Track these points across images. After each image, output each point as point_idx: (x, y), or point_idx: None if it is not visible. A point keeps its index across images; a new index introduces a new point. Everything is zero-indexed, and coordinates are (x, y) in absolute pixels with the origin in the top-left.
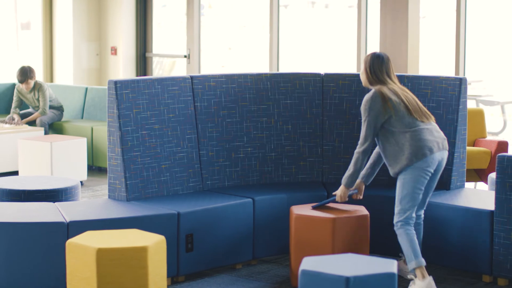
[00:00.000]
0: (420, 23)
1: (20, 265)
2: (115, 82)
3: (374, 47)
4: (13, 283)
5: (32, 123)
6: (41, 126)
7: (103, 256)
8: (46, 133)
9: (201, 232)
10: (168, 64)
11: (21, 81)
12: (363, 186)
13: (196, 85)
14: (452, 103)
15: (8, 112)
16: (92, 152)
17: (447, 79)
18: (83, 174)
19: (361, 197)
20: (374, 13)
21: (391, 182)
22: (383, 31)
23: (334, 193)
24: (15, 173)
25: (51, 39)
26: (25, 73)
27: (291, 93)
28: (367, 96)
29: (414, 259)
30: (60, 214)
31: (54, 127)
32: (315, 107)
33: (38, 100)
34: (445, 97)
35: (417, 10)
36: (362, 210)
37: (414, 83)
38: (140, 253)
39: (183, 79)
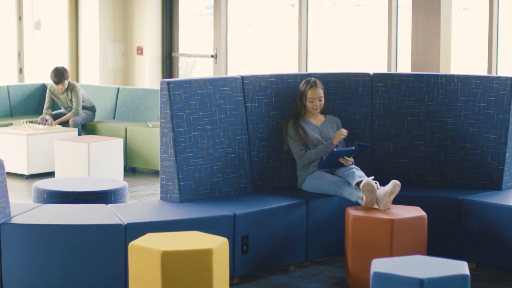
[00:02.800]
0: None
1: (77, 268)
2: (168, 83)
3: (405, 46)
4: (70, 285)
5: (65, 123)
6: (74, 126)
7: (168, 258)
8: (79, 133)
9: (255, 233)
10: (188, 64)
11: (56, 82)
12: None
13: (247, 86)
14: (503, 102)
15: (37, 113)
16: (126, 153)
17: (498, 78)
18: (119, 175)
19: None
20: (404, 12)
21: (442, 182)
22: (415, 30)
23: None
24: (51, 174)
25: (77, 39)
26: (61, 74)
27: (340, 93)
28: None
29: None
30: (116, 216)
31: (86, 128)
32: (364, 107)
33: (71, 100)
34: (496, 97)
35: (449, 8)
36: (419, 211)
37: (464, 83)
38: (205, 255)
39: (234, 79)
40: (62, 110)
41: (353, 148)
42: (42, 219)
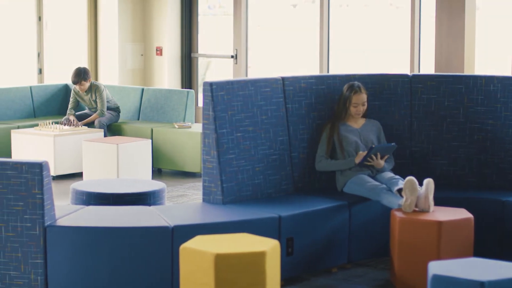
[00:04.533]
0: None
1: (123, 270)
2: (211, 84)
3: (428, 46)
4: (116, 287)
5: (90, 124)
6: (100, 127)
7: (222, 261)
8: (105, 134)
9: (300, 235)
10: (202, 64)
11: (74, 82)
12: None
13: (287, 87)
14: None
15: (60, 113)
16: (153, 154)
17: None
18: (147, 176)
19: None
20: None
21: (481, 184)
22: (439, 30)
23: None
24: (79, 174)
25: (96, 40)
26: (79, 75)
27: (379, 94)
28: None
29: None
30: (161, 218)
31: (111, 129)
32: (403, 109)
33: (95, 101)
34: None
35: (473, 7)
36: (466, 213)
37: (504, 84)
38: (259, 258)
39: (275, 80)
40: (86, 111)
41: (393, 144)
42: (88, 222)
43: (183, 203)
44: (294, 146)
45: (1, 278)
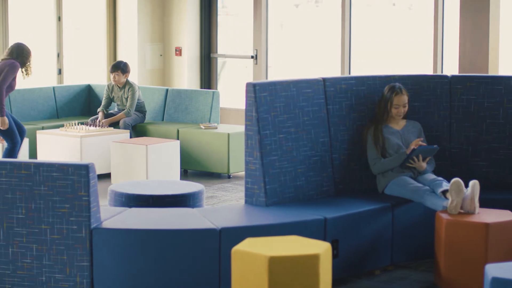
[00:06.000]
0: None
1: (170, 273)
2: (254, 85)
3: (451, 47)
4: None
5: (115, 125)
6: (125, 128)
7: (275, 264)
8: (130, 135)
9: (345, 237)
10: (218, 64)
11: (111, 71)
12: None
13: (328, 88)
14: None
15: (82, 114)
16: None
17: None
18: (176, 177)
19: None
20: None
21: None
22: (463, 31)
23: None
24: (105, 176)
25: (115, 40)
26: (118, 65)
27: (419, 95)
28: None
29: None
30: (207, 221)
31: (136, 129)
32: (443, 110)
33: (126, 99)
34: None
35: (497, 8)
36: (511, 215)
37: None
38: (313, 260)
39: (316, 81)
40: (112, 112)
41: (435, 146)
42: (134, 224)
43: (227, 205)
44: (335, 148)
45: (46, 281)
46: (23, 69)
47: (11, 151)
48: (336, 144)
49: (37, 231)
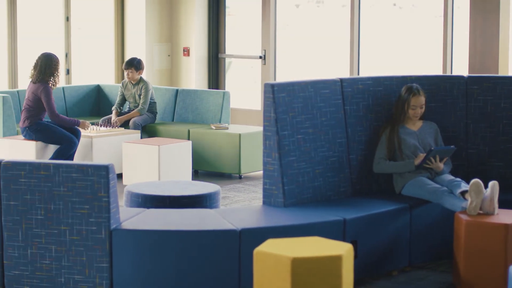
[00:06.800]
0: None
1: (190, 274)
2: (272, 85)
3: (462, 47)
4: None
5: (125, 125)
6: (135, 128)
7: (298, 265)
8: (140, 136)
9: (364, 238)
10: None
11: (125, 68)
12: None
13: (346, 88)
14: None
15: (92, 114)
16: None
17: None
18: (187, 177)
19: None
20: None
21: None
22: (473, 31)
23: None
24: (118, 176)
25: (123, 40)
26: (131, 62)
27: (435, 96)
28: None
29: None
30: (226, 222)
31: (147, 130)
32: (459, 110)
33: (139, 96)
34: None
35: (507, 9)
36: None
37: None
38: (335, 262)
39: (333, 82)
40: (125, 111)
41: (452, 146)
42: (153, 225)
43: (245, 206)
44: (352, 148)
45: (65, 282)
46: (51, 79)
47: (64, 150)
48: (353, 145)
49: (56, 232)
